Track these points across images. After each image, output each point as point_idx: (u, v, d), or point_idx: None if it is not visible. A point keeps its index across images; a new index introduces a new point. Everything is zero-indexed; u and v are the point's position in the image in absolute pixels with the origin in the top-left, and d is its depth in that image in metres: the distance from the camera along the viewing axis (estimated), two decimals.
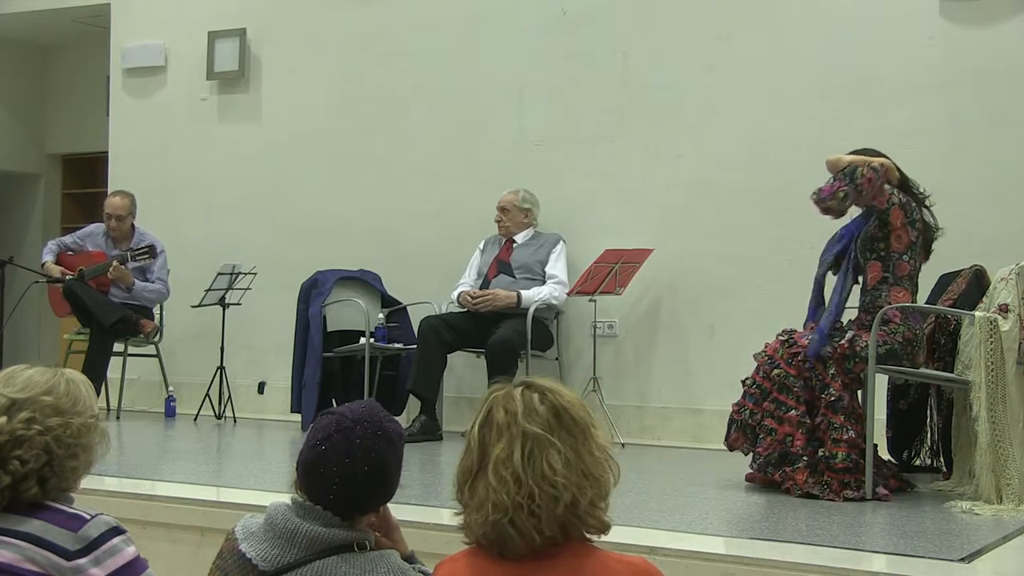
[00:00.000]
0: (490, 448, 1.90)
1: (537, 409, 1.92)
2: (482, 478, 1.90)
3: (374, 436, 2.05)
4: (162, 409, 7.44)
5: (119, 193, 7.44)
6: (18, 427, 2.05)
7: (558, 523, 1.88)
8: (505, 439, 1.89)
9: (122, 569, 2.05)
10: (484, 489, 1.88)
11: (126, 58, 8.33)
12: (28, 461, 2.05)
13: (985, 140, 5.98)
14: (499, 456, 1.88)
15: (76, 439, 2.11)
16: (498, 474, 1.87)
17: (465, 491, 1.93)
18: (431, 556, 2.62)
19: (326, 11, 7.70)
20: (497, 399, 1.95)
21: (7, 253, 7.66)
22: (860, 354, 4.53)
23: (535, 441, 1.89)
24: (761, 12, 6.53)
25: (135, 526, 2.97)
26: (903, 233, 4.60)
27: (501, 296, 6.43)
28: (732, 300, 6.44)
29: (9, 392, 2.09)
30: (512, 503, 1.85)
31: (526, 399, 1.93)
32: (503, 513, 1.86)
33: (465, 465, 1.94)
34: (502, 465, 1.88)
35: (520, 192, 6.72)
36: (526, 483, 1.86)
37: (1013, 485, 4.27)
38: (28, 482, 2.06)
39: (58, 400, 2.11)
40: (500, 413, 1.92)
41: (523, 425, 1.90)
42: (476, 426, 1.94)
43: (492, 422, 1.92)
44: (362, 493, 2.05)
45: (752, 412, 4.60)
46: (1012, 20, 5.99)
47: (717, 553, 3.49)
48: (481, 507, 1.88)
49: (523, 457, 1.87)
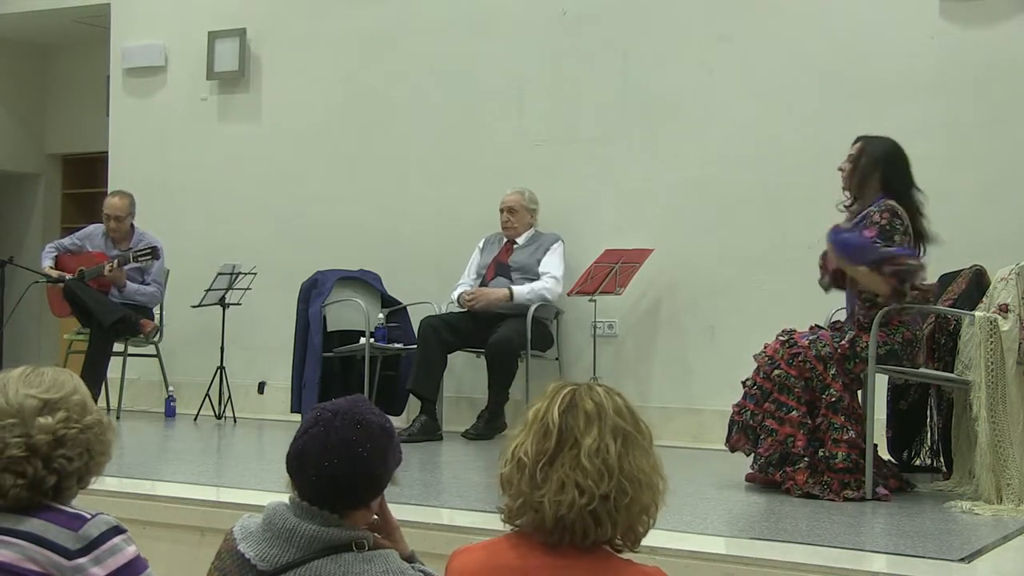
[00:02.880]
0: (578, 434, 1.90)
1: (623, 408, 1.95)
2: (563, 461, 1.89)
3: (353, 427, 2.04)
4: (162, 409, 7.44)
5: (118, 193, 7.44)
6: (59, 427, 2.06)
7: (628, 523, 1.90)
8: (596, 429, 1.90)
9: (122, 568, 2.05)
10: (570, 471, 1.87)
11: (126, 58, 8.34)
12: (73, 460, 2.06)
13: (984, 140, 5.98)
14: (592, 445, 1.88)
15: (106, 436, 2.14)
16: (591, 461, 1.87)
17: (538, 472, 1.90)
18: (431, 556, 2.62)
19: (326, 11, 7.71)
20: (579, 390, 1.95)
21: (7, 253, 7.65)
22: (860, 355, 4.53)
23: (625, 437, 1.91)
24: (761, 12, 6.53)
25: (135, 526, 2.97)
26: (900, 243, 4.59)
27: (491, 294, 6.43)
28: (732, 300, 6.44)
29: (37, 393, 2.08)
30: (600, 492, 1.86)
31: (612, 396, 1.95)
32: (589, 500, 1.86)
33: (542, 447, 1.91)
34: (595, 454, 1.88)
35: (525, 192, 6.72)
36: (617, 476, 1.87)
37: (1013, 485, 4.27)
38: (70, 480, 2.08)
39: (84, 399, 2.13)
40: (588, 403, 1.92)
41: (614, 419, 1.92)
42: (555, 411, 1.92)
43: (578, 410, 1.92)
44: (342, 485, 2.03)
45: (753, 413, 4.60)
46: (1012, 20, 5.99)
47: (717, 553, 3.49)
48: (564, 489, 1.87)
49: (617, 450, 1.89)
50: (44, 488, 2.04)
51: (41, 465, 2.04)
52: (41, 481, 2.04)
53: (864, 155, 4.73)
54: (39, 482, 2.04)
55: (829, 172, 4.92)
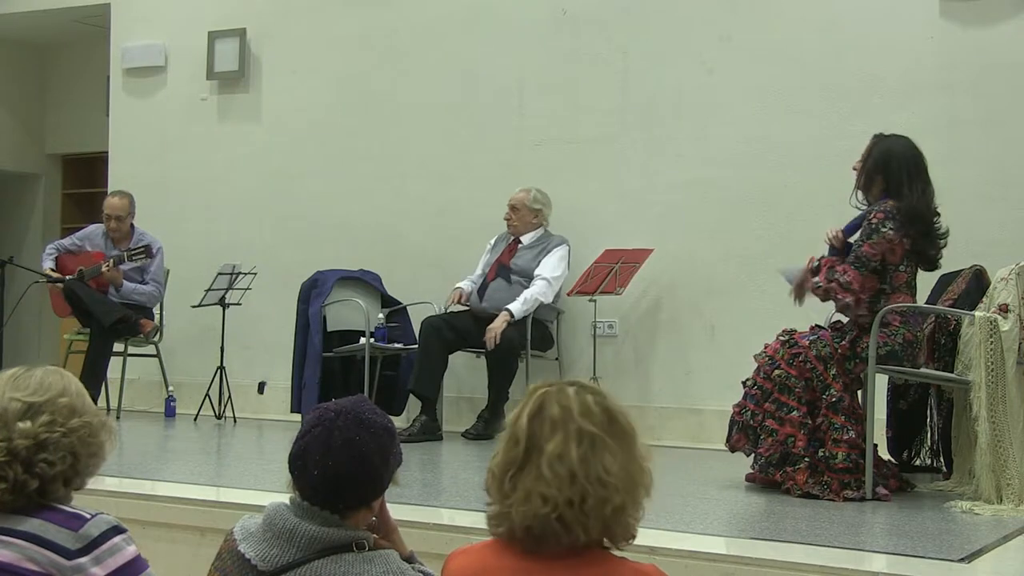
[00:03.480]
0: (542, 442, 1.88)
1: (592, 409, 1.90)
2: (530, 470, 1.87)
3: (355, 427, 2.04)
4: (162, 409, 7.44)
5: (118, 193, 7.44)
6: (41, 431, 2.05)
7: (603, 525, 1.87)
8: (560, 434, 1.87)
9: (122, 568, 2.04)
10: (533, 481, 1.86)
11: (126, 58, 8.34)
12: (55, 464, 2.05)
13: (985, 140, 5.98)
14: (553, 451, 1.86)
15: (95, 438, 2.12)
16: (552, 469, 1.85)
17: (506, 482, 1.90)
18: (431, 556, 2.62)
19: (326, 11, 7.71)
20: (549, 394, 1.93)
21: (7, 253, 7.65)
22: (860, 355, 4.53)
23: (591, 441, 1.87)
24: (761, 12, 6.54)
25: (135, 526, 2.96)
26: (898, 248, 4.59)
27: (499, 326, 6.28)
28: (732, 300, 6.44)
29: (22, 396, 2.08)
30: (563, 499, 1.84)
31: (581, 398, 1.91)
32: (552, 508, 1.84)
33: (511, 456, 1.91)
34: (557, 460, 1.86)
35: (532, 192, 6.68)
36: (580, 481, 1.85)
37: (1013, 485, 4.27)
38: (55, 484, 2.06)
39: (73, 401, 2.11)
40: (554, 408, 1.90)
41: (580, 422, 1.88)
42: (524, 418, 1.91)
43: (545, 416, 1.90)
44: (345, 486, 2.03)
45: (753, 413, 4.60)
46: (1012, 20, 5.99)
47: (717, 553, 3.49)
48: (529, 499, 1.86)
49: (579, 455, 1.86)
50: (27, 491, 2.03)
51: (21, 469, 2.03)
52: (23, 485, 2.03)
53: (870, 155, 4.74)
54: (21, 486, 2.03)
55: (829, 172, 4.93)
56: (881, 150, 4.72)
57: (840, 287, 4.55)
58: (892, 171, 4.67)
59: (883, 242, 4.54)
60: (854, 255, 4.58)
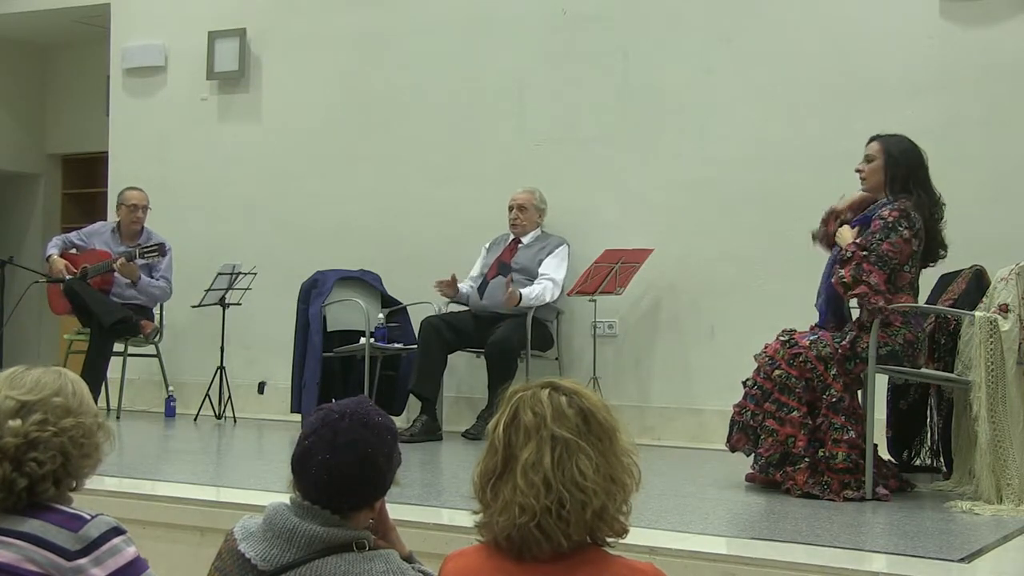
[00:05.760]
0: (517, 450, 1.88)
1: (566, 412, 1.89)
2: (508, 480, 1.87)
3: (360, 428, 2.04)
4: (162, 409, 7.44)
5: (133, 187, 7.51)
6: (31, 429, 2.05)
7: (586, 528, 1.87)
8: (534, 442, 1.87)
9: (123, 569, 2.04)
10: (511, 491, 1.86)
11: (126, 58, 8.34)
12: (45, 463, 2.05)
13: (985, 140, 5.98)
14: (528, 459, 1.86)
15: (89, 439, 2.11)
16: (527, 477, 1.85)
17: (487, 491, 1.90)
18: (431, 556, 2.62)
19: (326, 11, 7.71)
20: (523, 400, 1.92)
21: (7, 253, 7.65)
22: (861, 355, 4.53)
23: (565, 446, 1.86)
24: (761, 12, 6.53)
25: (135, 526, 2.96)
26: (906, 246, 4.57)
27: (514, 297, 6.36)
28: (732, 300, 6.44)
29: (16, 394, 2.08)
30: (540, 507, 1.84)
31: (554, 402, 1.90)
32: (531, 516, 1.84)
33: (488, 465, 1.91)
34: (531, 469, 1.85)
35: (536, 192, 6.72)
36: (555, 488, 1.84)
37: (1013, 485, 4.27)
38: (45, 483, 2.06)
39: (68, 401, 2.10)
40: (528, 415, 1.89)
41: (552, 429, 1.87)
42: (500, 426, 1.91)
43: (519, 424, 1.89)
44: (349, 486, 2.03)
45: (753, 413, 4.60)
46: (1012, 20, 5.99)
47: (717, 553, 3.48)
48: (506, 509, 1.86)
49: (553, 462, 1.85)
50: (16, 490, 2.03)
51: (11, 468, 2.03)
52: (12, 483, 2.03)
53: (886, 154, 4.71)
54: (10, 484, 2.03)
55: (829, 172, 4.93)
56: (899, 149, 4.71)
57: (872, 291, 4.50)
58: (912, 169, 4.67)
59: (900, 241, 4.53)
60: (875, 255, 4.53)
